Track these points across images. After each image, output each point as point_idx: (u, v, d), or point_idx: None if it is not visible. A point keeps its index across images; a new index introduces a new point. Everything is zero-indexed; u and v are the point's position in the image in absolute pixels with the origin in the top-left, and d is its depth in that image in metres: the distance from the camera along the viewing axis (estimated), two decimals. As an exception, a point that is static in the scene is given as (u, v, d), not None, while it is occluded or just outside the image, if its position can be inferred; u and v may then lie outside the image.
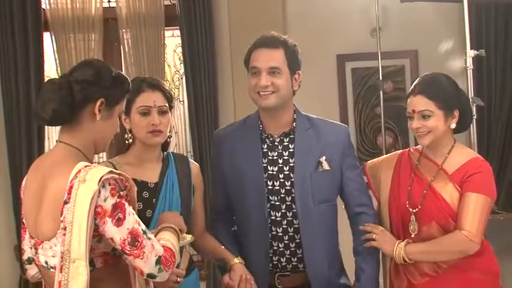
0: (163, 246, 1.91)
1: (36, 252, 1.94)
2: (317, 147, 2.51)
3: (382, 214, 2.60)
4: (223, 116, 4.26)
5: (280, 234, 2.51)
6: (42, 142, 4.13)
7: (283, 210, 2.51)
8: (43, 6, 4.14)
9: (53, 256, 1.87)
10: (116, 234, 1.82)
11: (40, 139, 4.10)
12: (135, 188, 1.96)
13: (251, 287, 2.42)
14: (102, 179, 1.80)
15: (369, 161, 2.76)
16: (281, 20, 4.26)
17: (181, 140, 4.50)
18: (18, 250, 4.11)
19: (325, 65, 4.35)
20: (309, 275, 2.50)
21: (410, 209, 2.48)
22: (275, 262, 2.53)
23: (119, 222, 1.81)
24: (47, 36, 4.17)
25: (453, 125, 2.47)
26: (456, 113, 2.47)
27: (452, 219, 2.41)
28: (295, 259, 2.52)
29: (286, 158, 2.52)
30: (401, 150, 2.70)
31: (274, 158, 2.52)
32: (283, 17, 4.29)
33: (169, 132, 2.51)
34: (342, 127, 2.66)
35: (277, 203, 2.51)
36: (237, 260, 2.47)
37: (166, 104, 2.45)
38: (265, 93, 2.45)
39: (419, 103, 2.45)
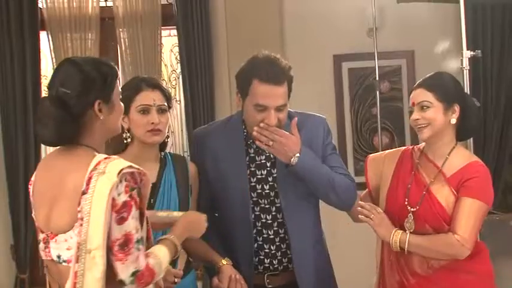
0: (147, 264, 1.87)
1: (46, 247, 1.92)
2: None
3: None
4: (220, 116, 4.23)
5: (266, 235, 2.52)
6: (39, 141, 4.10)
7: (270, 210, 2.52)
8: (40, 5, 4.13)
9: (67, 249, 1.86)
10: (113, 230, 1.81)
11: (37, 138, 4.08)
12: (150, 184, 1.96)
13: (241, 287, 2.41)
14: (122, 172, 1.80)
15: (371, 155, 2.71)
16: (278, 20, 4.26)
17: (177, 140, 4.50)
18: (15, 249, 4.11)
19: (322, 65, 4.35)
20: (295, 271, 2.50)
21: (409, 207, 2.46)
22: (260, 262, 2.53)
23: (120, 220, 1.81)
24: (43, 36, 4.15)
25: (453, 120, 2.44)
26: (456, 107, 2.44)
27: (447, 224, 2.40)
28: (282, 257, 2.52)
29: (273, 160, 2.51)
30: (404, 147, 2.68)
31: (262, 161, 2.52)
32: (280, 17, 4.28)
33: (167, 132, 2.51)
34: (319, 119, 2.64)
35: (267, 206, 2.52)
36: (224, 262, 2.46)
37: (166, 103, 2.46)
38: None
39: (418, 95, 2.45)
